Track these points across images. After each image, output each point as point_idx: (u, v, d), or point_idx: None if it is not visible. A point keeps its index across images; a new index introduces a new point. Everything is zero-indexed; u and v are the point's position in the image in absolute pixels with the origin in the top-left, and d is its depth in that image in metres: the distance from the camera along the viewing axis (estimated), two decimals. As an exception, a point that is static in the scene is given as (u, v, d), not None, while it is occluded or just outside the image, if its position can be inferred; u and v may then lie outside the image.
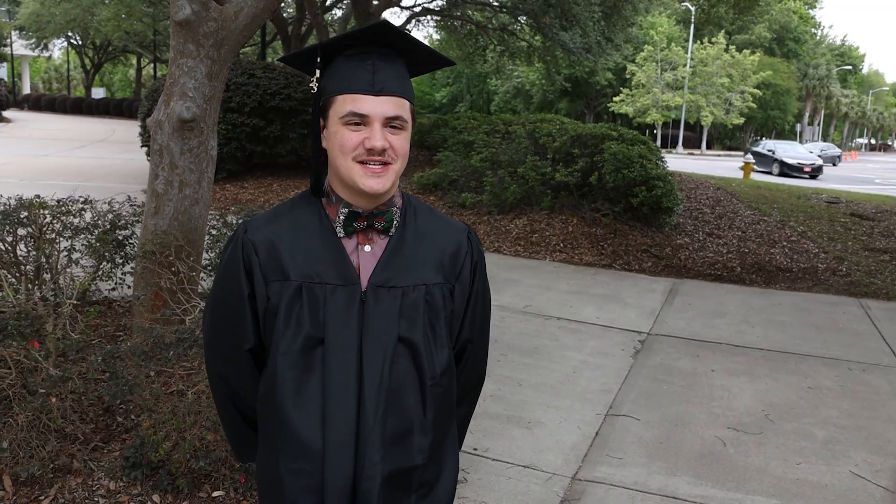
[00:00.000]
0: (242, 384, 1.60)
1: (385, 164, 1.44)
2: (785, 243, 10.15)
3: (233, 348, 1.57)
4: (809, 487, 3.72)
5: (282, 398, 1.46)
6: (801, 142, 54.70)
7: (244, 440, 1.69)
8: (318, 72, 1.49)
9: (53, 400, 3.06)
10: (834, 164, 39.00)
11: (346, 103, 1.43)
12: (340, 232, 1.50)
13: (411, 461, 1.49)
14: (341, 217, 1.49)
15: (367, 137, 1.42)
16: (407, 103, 1.48)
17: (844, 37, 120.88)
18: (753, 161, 25.82)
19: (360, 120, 1.43)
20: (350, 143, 1.43)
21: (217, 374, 1.65)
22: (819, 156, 34.76)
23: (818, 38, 74.95)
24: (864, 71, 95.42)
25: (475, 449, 3.93)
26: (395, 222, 1.52)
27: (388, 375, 1.46)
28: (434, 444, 1.53)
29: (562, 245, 9.32)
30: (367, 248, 1.51)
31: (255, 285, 1.50)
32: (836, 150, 43.41)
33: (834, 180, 26.30)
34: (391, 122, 1.44)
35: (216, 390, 1.67)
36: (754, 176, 22.65)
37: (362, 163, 1.43)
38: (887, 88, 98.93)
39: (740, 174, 22.51)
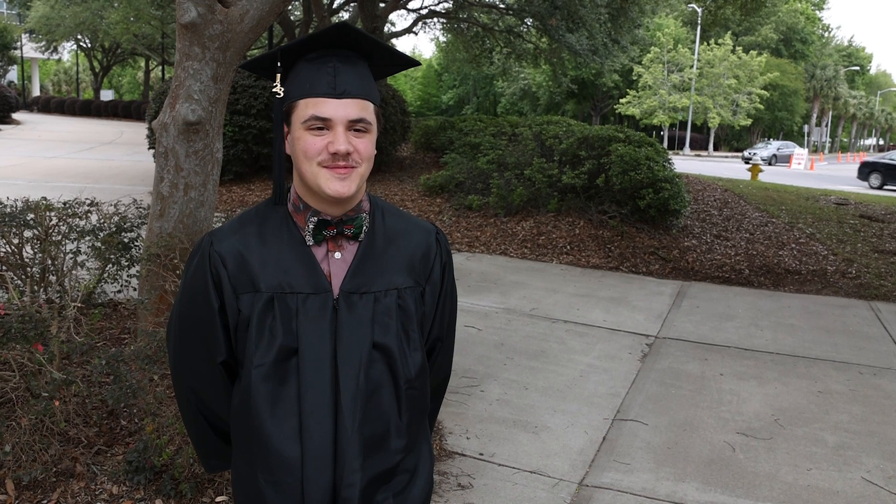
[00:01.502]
0: (214, 396, 1.58)
1: (349, 167, 1.42)
2: (793, 245, 10.08)
3: (203, 361, 1.54)
4: (820, 494, 3.67)
5: (258, 411, 1.44)
6: (807, 143, 54.60)
7: (214, 452, 1.67)
8: (278, 77, 1.46)
9: (57, 403, 3.04)
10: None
11: (308, 107, 1.41)
12: (310, 240, 1.47)
13: (390, 462, 1.49)
14: (310, 226, 1.47)
15: (331, 141, 1.40)
16: (370, 105, 1.45)
17: (851, 38, 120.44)
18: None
19: (322, 124, 1.40)
20: (314, 147, 1.41)
21: (186, 387, 1.61)
22: (774, 154, 38.57)
23: (825, 39, 74.68)
24: (872, 72, 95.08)
25: (481, 454, 3.89)
26: (365, 227, 1.50)
27: (364, 382, 1.44)
28: (409, 444, 1.53)
29: (569, 247, 9.28)
30: (338, 254, 1.48)
31: (225, 298, 1.47)
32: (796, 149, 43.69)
33: (841, 181, 26.16)
34: (354, 125, 1.42)
35: (184, 403, 1.64)
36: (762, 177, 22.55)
37: (327, 167, 1.41)
38: (895, 89, 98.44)
39: (748, 175, 22.42)
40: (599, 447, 4.08)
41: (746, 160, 39.91)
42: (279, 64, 1.46)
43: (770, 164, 38.07)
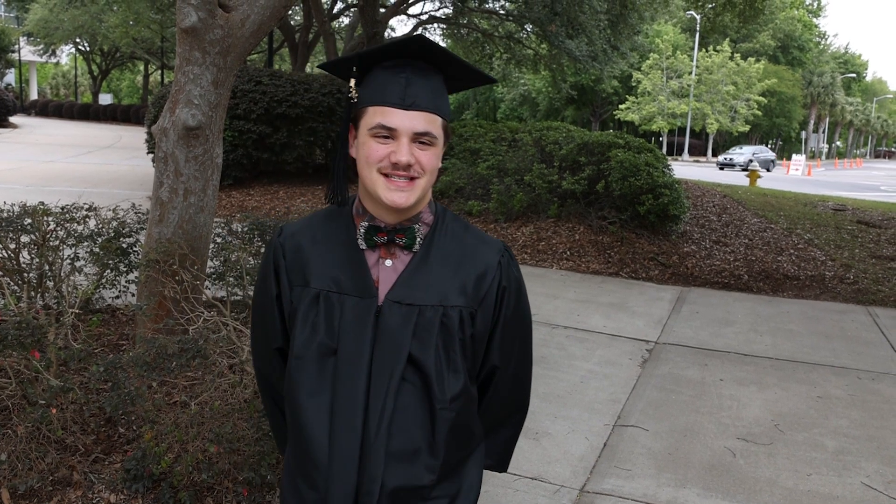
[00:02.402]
0: (275, 380, 1.66)
1: (411, 178, 1.42)
2: (792, 251, 10.08)
3: (266, 345, 1.63)
4: (820, 499, 3.66)
5: (296, 401, 1.49)
6: (805, 149, 54.64)
7: (284, 435, 1.71)
8: (353, 81, 1.48)
9: (54, 411, 3.02)
10: (768, 170, 39.07)
11: (376, 115, 1.42)
12: (361, 244, 1.49)
13: (418, 480, 1.46)
14: (362, 230, 1.48)
15: (394, 151, 1.41)
16: (439, 119, 1.46)
17: (847, 45, 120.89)
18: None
19: (388, 133, 1.42)
20: (376, 154, 1.42)
21: (258, 370, 1.71)
22: (751, 159, 38.48)
23: (822, 46, 74.89)
24: (868, 79, 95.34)
25: (481, 460, 3.87)
26: (419, 239, 1.49)
27: (395, 394, 1.44)
28: (446, 465, 1.50)
29: (568, 253, 9.27)
30: (388, 262, 1.49)
31: (282, 287, 1.55)
32: (771, 155, 43.67)
33: (837, 187, 26.20)
34: (420, 138, 1.42)
35: (260, 385, 1.73)
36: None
37: (386, 175, 1.42)
38: (891, 96, 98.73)
39: (745, 181, 22.45)
40: (600, 453, 4.06)
41: (723, 166, 40.29)
42: (355, 69, 1.48)
43: (745, 169, 37.96)
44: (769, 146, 66.03)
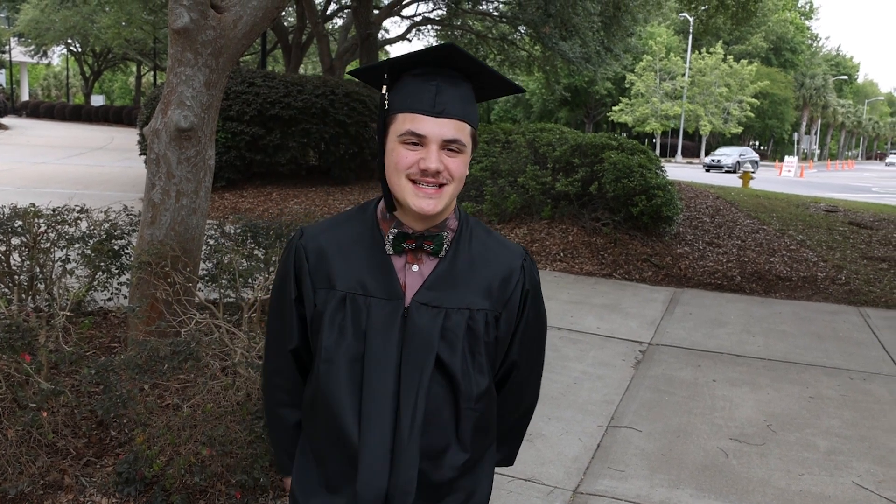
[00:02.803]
0: (284, 382, 1.66)
1: (440, 185, 1.44)
2: (784, 252, 10.12)
3: (281, 345, 1.63)
4: (813, 499, 3.67)
5: (329, 403, 1.50)
6: (797, 151, 54.72)
7: (288, 448, 1.69)
8: (384, 88, 1.49)
9: (44, 414, 3.00)
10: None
11: (406, 122, 1.43)
12: (389, 249, 1.50)
13: (443, 477, 1.50)
14: (391, 236, 1.50)
15: (423, 158, 1.42)
16: (468, 127, 1.47)
17: (839, 47, 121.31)
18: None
19: (417, 140, 1.43)
20: (405, 161, 1.43)
21: (270, 370, 1.68)
22: (738, 161, 38.68)
23: (814, 48, 75.24)
24: (860, 80, 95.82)
25: (474, 462, 3.87)
26: (446, 246, 1.52)
27: (425, 396, 1.47)
28: (469, 462, 1.55)
29: (562, 254, 9.28)
30: (415, 267, 1.51)
31: (304, 290, 1.55)
32: (755, 156, 43.40)
33: (829, 189, 26.32)
34: (448, 145, 1.44)
35: (269, 397, 1.70)
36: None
37: (415, 182, 1.43)
38: (882, 98, 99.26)
39: (738, 182, 22.54)
40: (594, 454, 4.07)
41: (709, 167, 39.58)
42: (386, 76, 1.49)
43: (734, 171, 37.28)
44: (762, 148, 66.29)
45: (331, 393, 1.48)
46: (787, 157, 41.62)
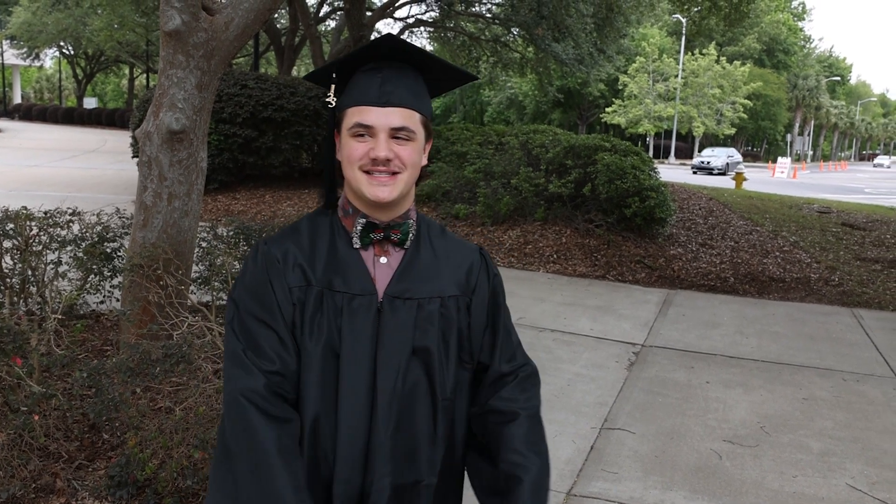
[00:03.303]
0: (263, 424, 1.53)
1: (392, 173, 1.46)
2: (777, 253, 10.15)
3: (256, 376, 1.45)
4: (806, 501, 3.68)
5: (306, 403, 1.46)
6: (790, 152, 54.82)
7: None
8: (332, 87, 1.51)
9: (36, 417, 2.99)
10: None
11: (354, 115, 1.46)
12: (357, 242, 1.51)
13: (419, 475, 1.49)
14: (358, 228, 1.51)
15: (372, 148, 1.44)
16: (417, 115, 1.49)
17: (832, 48, 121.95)
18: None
19: (365, 131, 1.45)
20: (356, 153, 1.45)
21: (244, 407, 1.48)
22: (727, 162, 37.38)
23: (807, 49, 75.59)
24: (853, 82, 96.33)
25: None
26: (411, 235, 1.54)
27: (402, 387, 1.47)
28: (447, 459, 1.54)
29: (555, 256, 9.29)
30: (384, 259, 1.52)
31: (280, 294, 1.48)
32: (738, 157, 42.31)
33: (822, 190, 26.42)
34: (397, 133, 1.45)
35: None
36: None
37: (368, 172, 1.45)
38: (875, 99, 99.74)
39: (729, 184, 22.62)
40: (587, 456, 4.07)
41: (697, 169, 37.31)
42: (335, 75, 1.51)
43: (724, 173, 35.80)
44: (755, 149, 66.50)
45: (307, 391, 1.46)
46: (780, 159, 41.54)
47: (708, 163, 38.32)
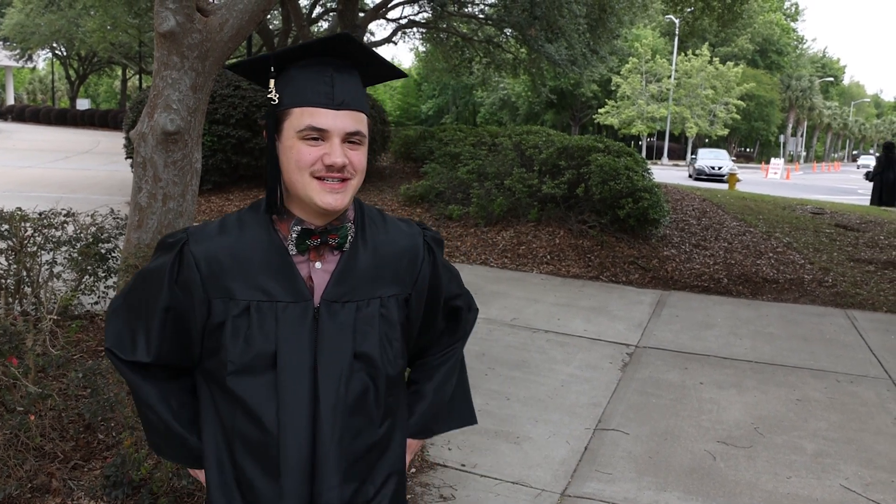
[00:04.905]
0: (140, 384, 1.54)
1: (344, 179, 1.40)
2: (771, 254, 10.19)
3: (127, 352, 1.50)
4: (800, 502, 3.69)
5: (233, 418, 1.41)
6: (783, 153, 54.91)
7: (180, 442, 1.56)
8: (272, 82, 1.42)
9: (32, 418, 2.99)
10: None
11: (304, 117, 1.38)
12: (293, 249, 1.43)
13: (368, 476, 1.48)
14: (294, 235, 1.43)
15: (327, 153, 1.37)
16: (364, 117, 1.44)
17: (825, 49, 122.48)
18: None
19: (318, 135, 1.38)
20: (308, 158, 1.37)
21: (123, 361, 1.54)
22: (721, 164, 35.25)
23: (800, 50, 75.88)
24: (846, 82, 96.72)
25: (463, 465, 3.88)
26: (350, 237, 1.47)
27: (345, 393, 1.42)
28: (388, 456, 1.54)
29: (549, 257, 9.31)
30: (318, 264, 1.45)
31: (189, 302, 1.42)
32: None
33: (815, 191, 26.53)
34: (350, 138, 1.40)
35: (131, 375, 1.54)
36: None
37: (320, 178, 1.38)
38: (868, 100, 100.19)
39: (724, 185, 22.68)
40: (581, 457, 4.08)
41: (703, 176, 32.48)
42: (272, 69, 1.42)
43: (722, 179, 32.85)
44: (748, 150, 66.67)
45: (245, 406, 1.39)
46: (773, 160, 41.52)
47: (719, 168, 32.81)
